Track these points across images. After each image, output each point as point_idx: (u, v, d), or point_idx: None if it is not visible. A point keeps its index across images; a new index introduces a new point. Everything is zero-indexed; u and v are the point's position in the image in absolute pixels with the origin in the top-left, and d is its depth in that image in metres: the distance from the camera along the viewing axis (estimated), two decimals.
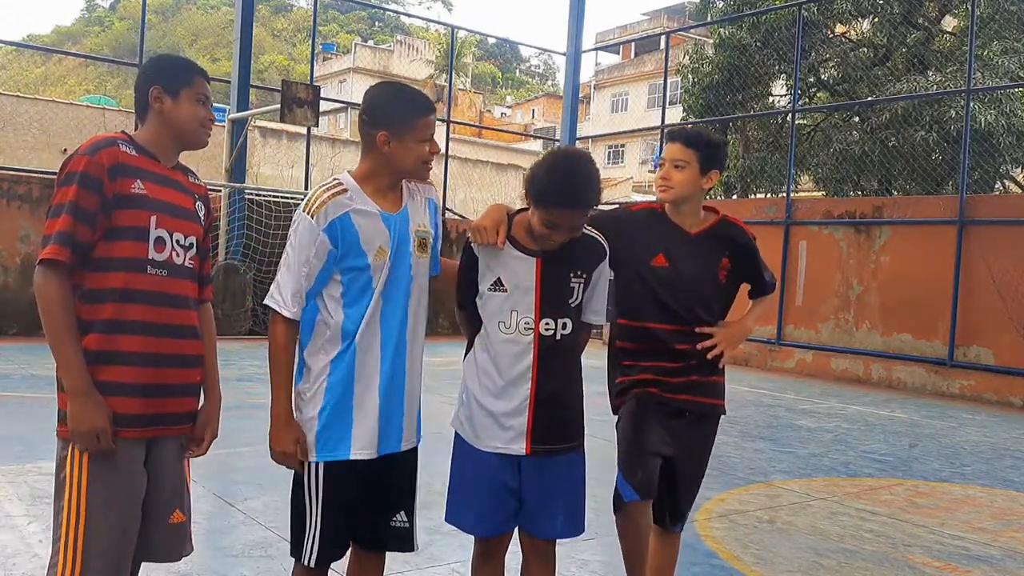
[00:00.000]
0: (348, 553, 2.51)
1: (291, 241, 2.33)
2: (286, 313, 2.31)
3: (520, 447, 2.53)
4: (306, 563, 2.38)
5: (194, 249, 2.33)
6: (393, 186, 2.42)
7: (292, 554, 2.42)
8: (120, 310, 2.16)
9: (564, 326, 2.54)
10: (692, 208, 2.94)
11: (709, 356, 2.86)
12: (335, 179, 2.39)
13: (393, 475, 2.44)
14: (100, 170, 2.13)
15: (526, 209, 2.54)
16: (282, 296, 2.32)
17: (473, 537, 2.67)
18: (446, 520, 2.66)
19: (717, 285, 2.91)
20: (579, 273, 2.56)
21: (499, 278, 2.53)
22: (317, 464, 2.35)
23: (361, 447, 2.35)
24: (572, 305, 2.56)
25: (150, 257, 2.20)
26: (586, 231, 2.60)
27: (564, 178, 2.41)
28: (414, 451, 2.51)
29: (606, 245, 2.64)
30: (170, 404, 2.26)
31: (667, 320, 2.86)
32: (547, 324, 2.52)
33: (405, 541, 2.48)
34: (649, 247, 2.87)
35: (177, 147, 2.36)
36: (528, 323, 2.51)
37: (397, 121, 2.35)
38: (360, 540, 2.48)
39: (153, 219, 2.20)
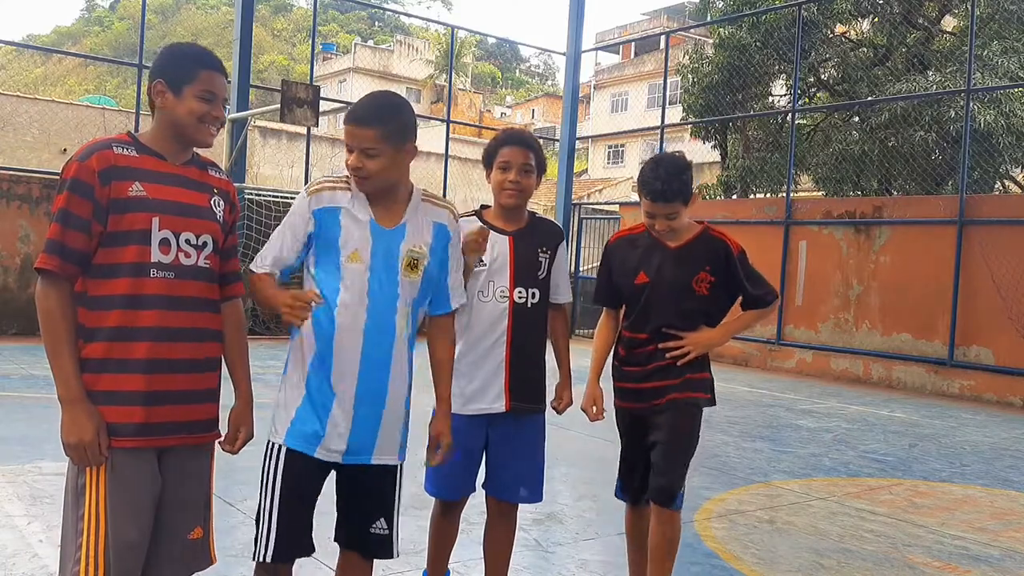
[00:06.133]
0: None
1: (288, 214, 2.44)
2: (257, 269, 2.41)
3: (500, 405, 2.90)
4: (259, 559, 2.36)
5: (209, 248, 2.24)
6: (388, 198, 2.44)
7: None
8: (125, 316, 2.10)
9: (533, 295, 2.96)
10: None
11: (668, 356, 3.06)
12: (346, 176, 2.44)
13: (374, 482, 2.43)
14: (90, 175, 2.08)
15: (489, 207, 3.07)
16: (261, 257, 2.42)
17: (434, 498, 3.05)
18: (426, 490, 3.01)
19: (695, 296, 3.09)
20: (544, 249, 3.02)
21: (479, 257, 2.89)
22: (278, 447, 2.37)
23: (327, 449, 2.35)
24: (540, 277, 2.99)
25: (154, 260, 2.13)
26: (545, 217, 3.13)
27: (498, 135, 3.12)
28: (396, 466, 2.48)
29: (563, 232, 3.15)
30: (180, 411, 2.18)
31: (649, 330, 3.12)
32: (520, 292, 2.94)
33: (384, 548, 2.45)
34: (632, 268, 3.17)
35: (180, 144, 2.25)
36: (504, 291, 2.91)
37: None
38: (342, 542, 2.48)
39: (155, 221, 2.13)
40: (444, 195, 15.89)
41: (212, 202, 2.27)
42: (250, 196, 13.30)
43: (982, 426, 8.90)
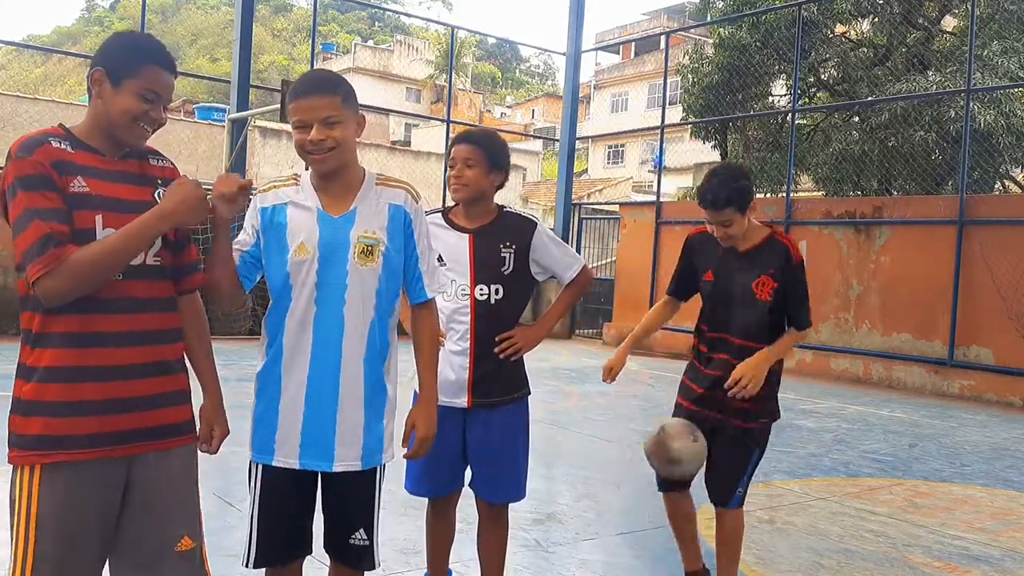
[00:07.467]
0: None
1: None
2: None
3: (463, 401, 2.90)
4: (243, 564, 2.34)
5: (157, 245, 2.06)
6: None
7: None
8: (70, 322, 1.94)
9: (497, 292, 2.91)
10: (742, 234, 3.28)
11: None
12: (295, 173, 2.41)
13: (351, 490, 2.33)
14: (43, 168, 1.91)
15: (456, 205, 3.01)
16: None
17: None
18: (405, 488, 3.02)
19: (756, 301, 3.19)
20: (507, 244, 2.94)
21: (440, 255, 2.87)
22: (256, 464, 2.32)
23: (284, 455, 2.26)
24: (504, 273, 2.92)
25: None
26: (515, 212, 3.04)
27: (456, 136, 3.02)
28: (373, 471, 2.35)
29: (537, 221, 3.04)
30: (143, 417, 2.03)
31: (713, 328, 3.27)
32: (481, 290, 2.91)
33: (365, 559, 2.37)
34: (703, 265, 3.33)
35: (112, 142, 2.06)
36: (464, 289, 2.90)
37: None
38: (327, 551, 2.42)
39: (98, 219, 1.95)
40: (444, 196, 15.89)
41: (156, 195, 2.09)
42: (250, 196, 13.28)
43: (982, 426, 8.90)
